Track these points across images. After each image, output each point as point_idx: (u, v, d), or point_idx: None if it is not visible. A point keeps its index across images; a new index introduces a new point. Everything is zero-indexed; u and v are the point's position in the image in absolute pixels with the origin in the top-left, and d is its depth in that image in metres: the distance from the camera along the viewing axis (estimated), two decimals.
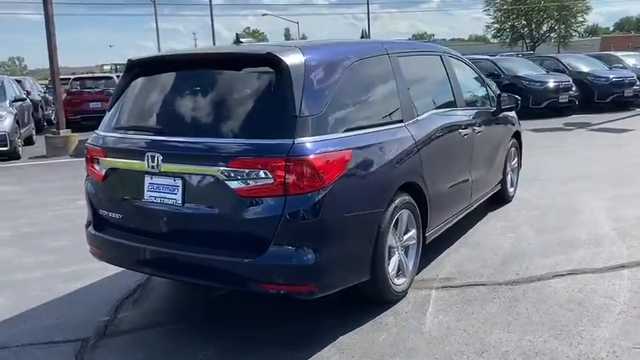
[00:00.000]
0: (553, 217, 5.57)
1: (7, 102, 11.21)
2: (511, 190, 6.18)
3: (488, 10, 60.76)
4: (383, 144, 3.45)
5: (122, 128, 3.45)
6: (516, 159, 6.28)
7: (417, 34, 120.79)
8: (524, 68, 15.94)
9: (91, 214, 3.64)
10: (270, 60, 3.05)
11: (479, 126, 4.94)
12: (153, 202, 3.22)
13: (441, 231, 4.38)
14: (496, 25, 61.42)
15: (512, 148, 6.09)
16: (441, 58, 4.67)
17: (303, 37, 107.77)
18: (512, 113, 6.12)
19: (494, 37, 64.45)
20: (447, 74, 4.65)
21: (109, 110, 3.64)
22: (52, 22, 10.74)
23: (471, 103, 5.11)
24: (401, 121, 3.76)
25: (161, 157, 3.12)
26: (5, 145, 10.36)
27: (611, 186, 6.80)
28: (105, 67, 54.26)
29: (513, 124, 5.96)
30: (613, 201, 6.06)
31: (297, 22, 53.07)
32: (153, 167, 3.14)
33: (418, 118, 3.97)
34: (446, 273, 4.21)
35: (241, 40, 3.61)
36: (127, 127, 3.43)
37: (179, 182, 3.12)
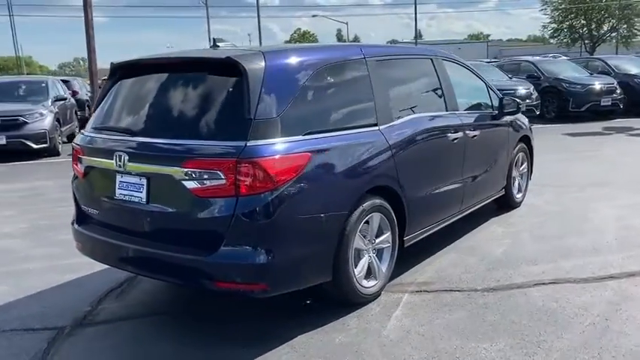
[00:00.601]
0: (557, 225, 5.43)
1: (49, 101, 11.81)
2: (518, 195, 6.05)
3: (545, 9, 58.90)
4: (349, 147, 3.49)
5: (99, 128, 3.63)
6: (525, 164, 6.14)
7: (472, 35, 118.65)
8: (566, 70, 15.43)
9: (75, 211, 3.84)
10: (229, 64, 3.15)
11: (474, 130, 4.87)
12: (122, 199, 3.38)
13: (424, 236, 4.36)
14: (553, 25, 59.43)
15: (520, 153, 5.97)
16: (432, 62, 4.64)
17: (355, 39, 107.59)
18: (521, 117, 6.00)
19: (551, 37, 62.41)
20: (438, 78, 4.62)
21: (94, 111, 3.84)
22: (92, 25, 11.24)
23: (466, 107, 5.06)
24: (375, 124, 3.78)
25: (127, 157, 3.27)
26: (45, 142, 10.94)
27: (630, 194, 6.54)
28: None
29: (519, 129, 5.84)
30: (627, 209, 5.83)
31: (347, 23, 53.21)
32: (120, 166, 3.30)
33: (397, 121, 3.98)
34: (426, 277, 4.19)
35: (218, 44, 3.69)
36: (103, 127, 3.61)
37: (144, 181, 3.26)
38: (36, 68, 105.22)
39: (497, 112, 5.39)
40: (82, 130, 3.88)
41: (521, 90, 13.68)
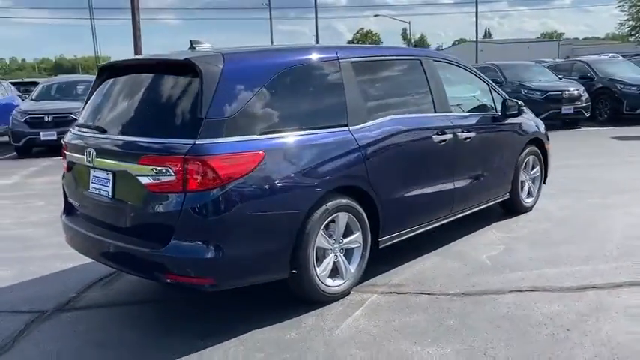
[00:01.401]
0: (561, 231, 5.24)
1: None
2: (528, 200, 5.87)
3: (622, 5, 55.84)
4: (309, 147, 3.54)
5: (80, 126, 3.87)
6: (537, 168, 5.95)
7: (545, 33, 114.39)
8: (622, 71, 14.66)
9: (64, 204, 4.11)
10: (187, 66, 3.29)
11: (468, 132, 4.79)
12: (94, 193, 3.59)
13: (404, 237, 4.34)
14: (631, 22, 56.29)
15: (530, 157, 5.79)
16: (422, 63, 4.60)
17: (422, 38, 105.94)
18: (531, 120, 5.83)
19: (628, 35, 59.11)
20: (427, 79, 4.57)
21: (82, 110, 4.09)
22: (139, 27, 11.77)
23: (461, 109, 4.98)
24: (345, 125, 3.81)
25: (95, 153, 3.48)
26: None
27: None
28: None
29: (528, 132, 5.66)
30: None
31: (409, 23, 52.59)
32: (89, 162, 3.52)
33: (372, 123, 3.99)
34: (401, 279, 4.18)
35: (194, 46, 3.84)
36: (83, 125, 3.84)
37: (110, 176, 3.45)
38: None
39: (500, 114, 5.27)
40: (70, 128, 4.14)
41: (570, 91, 13.16)
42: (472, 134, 4.84)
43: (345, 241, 3.86)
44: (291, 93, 3.61)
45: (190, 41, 3.87)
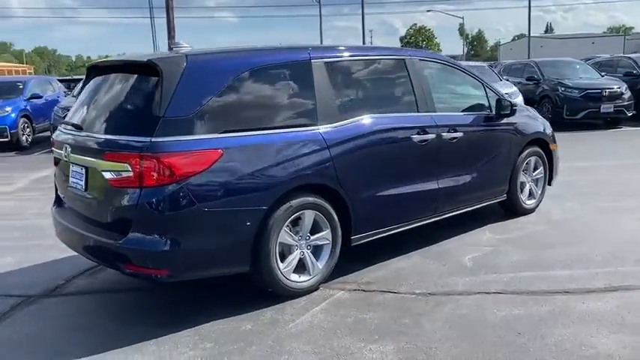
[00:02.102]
0: (557, 234, 5.12)
1: None
2: (529, 202, 5.75)
3: None
4: (272, 146, 3.64)
5: (64, 123, 4.11)
6: (541, 169, 5.81)
7: (612, 27, 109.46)
8: None
9: (54, 197, 4.37)
10: (149, 67, 3.45)
11: (455, 132, 4.75)
12: (72, 186, 3.82)
13: (380, 236, 4.37)
14: None
15: (532, 158, 5.67)
16: (405, 63, 4.59)
17: (479, 33, 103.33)
18: (530, 119, 5.73)
19: None
20: (410, 78, 4.56)
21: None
22: (173, 27, 12.16)
23: (450, 108, 4.95)
24: (314, 124, 3.89)
25: (70, 149, 3.70)
26: None
27: None
28: None
29: (527, 132, 5.54)
30: None
31: (463, 18, 51.62)
32: (65, 157, 3.75)
33: (344, 122, 4.04)
34: (374, 277, 4.21)
35: (172, 47, 4.01)
36: (67, 122, 4.07)
37: (83, 171, 3.66)
38: None
39: (494, 114, 5.20)
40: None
41: (610, 89, 12.65)
42: (459, 134, 4.79)
43: (312, 238, 3.93)
44: (255, 93, 3.72)
45: (168, 43, 4.04)
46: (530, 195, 5.80)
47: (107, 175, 3.39)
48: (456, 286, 4.01)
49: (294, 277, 3.86)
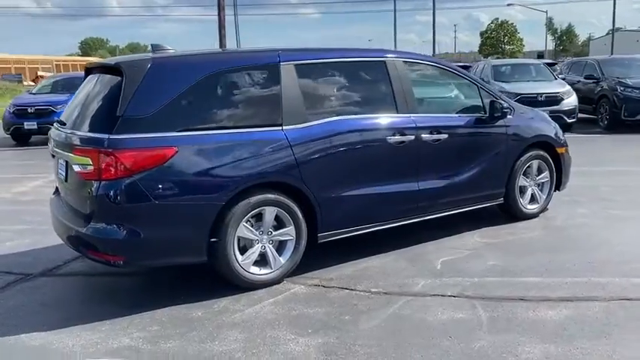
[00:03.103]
0: (548, 241, 5.01)
1: None
2: (531, 206, 5.61)
3: None
4: (231, 144, 3.84)
5: (58, 121, 4.51)
6: (546, 173, 5.65)
7: None
8: None
9: (55, 188, 4.79)
10: (115, 69, 3.75)
11: (439, 133, 4.75)
12: (60, 177, 4.20)
13: (351, 235, 4.47)
14: None
15: (535, 161, 5.53)
16: (385, 64, 4.63)
17: (569, 27, 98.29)
18: (533, 121, 5.59)
19: None
20: (390, 80, 4.60)
21: None
22: (224, 25, 12.64)
23: (434, 110, 4.95)
24: (279, 125, 4.04)
25: (54, 143, 4.08)
26: None
27: None
28: None
29: (526, 134, 5.40)
30: None
31: (546, 12, 49.45)
32: (53, 150, 4.13)
33: (313, 123, 4.17)
34: (339, 274, 4.32)
35: (155, 50, 4.29)
36: (59, 119, 4.46)
37: (65, 163, 4.03)
38: None
39: (487, 115, 5.12)
40: None
41: None
42: (444, 135, 4.78)
43: (275, 233, 4.10)
44: (217, 95, 3.93)
45: (152, 45, 4.33)
46: (533, 199, 5.66)
47: (76, 168, 3.72)
48: (414, 287, 4.05)
49: (255, 269, 4.04)
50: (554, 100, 12.03)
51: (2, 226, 6.05)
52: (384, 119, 4.56)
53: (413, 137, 4.61)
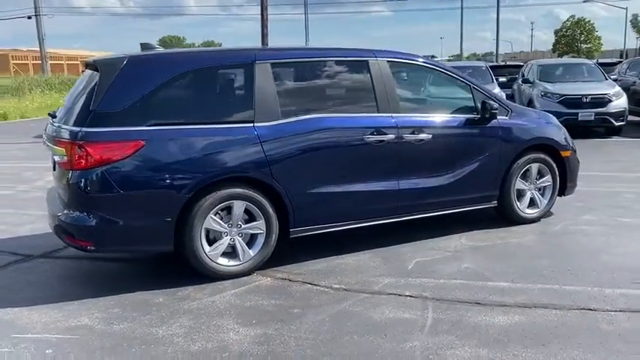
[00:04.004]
0: (536, 248, 4.88)
1: None
2: (530, 211, 5.46)
3: None
4: (199, 140, 4.00)
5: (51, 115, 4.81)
6: (548, 177, 5.46)
7: None
8: None
9: None
10: (93, 66, 4.00)
11: (422, 133, 4.72)
12: (52, 168, 4.53)
13: (325, 231, 4.54)
14: None
15: (534, 164, 5.37)
16: (368, 64, 4.65)
17: None
18: (533, 122, 5.45)
19: None
20: (372, 80, 4.62)
21: None
22: (266, 24, 12.90)
23: (420, 109, 4.92)
24: (251, 122, 4.17)
25: (45, 136, 4.39)
26: None
27: None
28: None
29: (523, 136, 5.26)
30: None
31: (626, 9, 46.80)
32: (44, 143, 4.45)
33: (286, 120, 4.27)
34: (309, 270, 4.40)
35: (142, 48, 4.53)
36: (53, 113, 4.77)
37: (52, 154, 4.34)
38: None
39: (479, 116, 5.03)
40: None
41: None
42: (427, 136, 4.75)
43: (244, 226, 4.23)
44: (188, 92, 4.12)
45: (140, 44, 4.57)
46: (533, 204, 5.49)
47: (56, 159, 4.01)
48: (375, 285, 4.07)
49: (223, 260, 4.19)
50: (600, 101, 11.44)
51: (29, 211, 6.49)
52: (363, 118, 4.58)
53: (393, 137, 4.61)
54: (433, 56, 47.29)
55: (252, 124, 4.17)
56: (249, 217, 4.25)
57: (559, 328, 3.35)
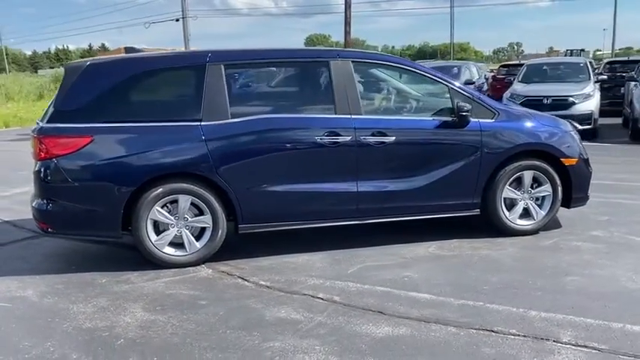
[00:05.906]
0: (509, 263, 4.48)
1: None
2: (523, 222, 5.04)
3: None
4: (144, 136, 4.33)
5: None
6: (546, 186, 5.00)
7: None
8: None
9: None
10: (63, 70, 4.50)
11: (383, 135, 4.60)
12: None
13: (277, 229, 4.66)
14: None
15: (527, 172, 4.96)
16: (329, 64, 4.62)
17: None
18: (528, 124, 5.06)
19: None
20: (332, 81, 4.59)
21: None
22: (349, 22, 12.98)
23: (387, 111, 4.78)
24: (198, 120, 4.40)
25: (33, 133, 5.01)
26: None
27: None
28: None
29: (512, 140, 4.86)
30: None
31: None
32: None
33: (234, 120, 4.44)
34: (255, 265, 4.52)
35: (126, 52, 4.94)
36: None
37: None
38: (471, 53, 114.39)
39: (455, 119, 4.76)
40: None
41: None
42: (390, 138, 4.62)
43: (190, 220, 4.48)
44: (140, 92, 4.47)
45: (125, 48, 5.01)
46: (527, 214, 5.06)
47: (31, 150, 4.59)
48: (298, 285, 4.09)
49: (169, 250, 4.48)
50: (563, 103, 10.82)
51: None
52: (316, 119, 4.59)
53: (350, 138, 4.56)
54: (582, 50, 43.44)
55: (198, 123, 4.40)
56: (199, 211, 4.49)
57: (435, 346, 3.15)
